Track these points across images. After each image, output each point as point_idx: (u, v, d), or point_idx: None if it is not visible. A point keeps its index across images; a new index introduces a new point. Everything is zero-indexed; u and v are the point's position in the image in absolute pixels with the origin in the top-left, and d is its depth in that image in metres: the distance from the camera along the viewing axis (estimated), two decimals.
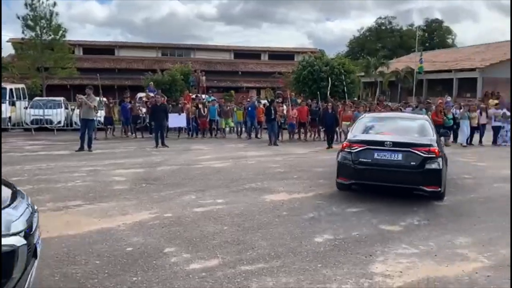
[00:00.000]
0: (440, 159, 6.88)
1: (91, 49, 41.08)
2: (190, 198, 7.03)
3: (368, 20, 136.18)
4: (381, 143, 6.98)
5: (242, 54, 44.86)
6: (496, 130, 15.47)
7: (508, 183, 8.55)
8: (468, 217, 6.19)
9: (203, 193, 7.40)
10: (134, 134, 16.97)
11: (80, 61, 33.55)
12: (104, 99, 17.17)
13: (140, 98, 19.96)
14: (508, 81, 27.71)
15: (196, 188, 7.76)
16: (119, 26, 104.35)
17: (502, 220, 6.00)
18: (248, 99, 18.46)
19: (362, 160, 7.01)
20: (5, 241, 2.66)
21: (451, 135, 15.48)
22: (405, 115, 10.61)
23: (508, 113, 15.28)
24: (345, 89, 21.91)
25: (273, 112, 15.04)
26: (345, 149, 7.29)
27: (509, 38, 28.40)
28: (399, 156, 6.84)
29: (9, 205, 2.98)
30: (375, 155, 6.96)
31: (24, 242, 2.84)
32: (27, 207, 3.17)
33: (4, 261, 2.63)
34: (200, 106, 16.96)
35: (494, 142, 15.45)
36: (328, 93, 18.77)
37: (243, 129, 17.45)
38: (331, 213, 6.29)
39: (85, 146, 12.37)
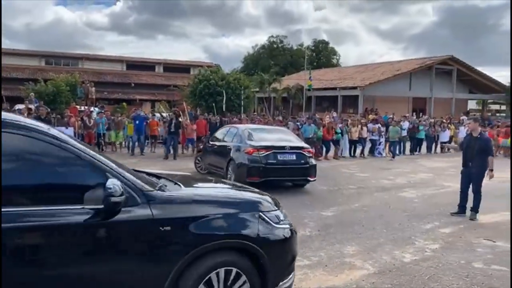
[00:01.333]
0: (313, 158, 9.73)
1: None
2: None
3: (261, 38, 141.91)
4: (282, 147, 9.06)
5: (135, 65, 43.34)
6: (373, 143, 17.03)
7: (386, 192, 9.39)
8: (354, 226, 6.58)
9: None
10: None
11: None
12: None
13: (19, 110, 18.09)
14: (384, 99, 30.77)
15: None
16: None
17: (383, 228, 6.50)
18: (134, 111, 17.50)
19: (270, 161, 8.85)
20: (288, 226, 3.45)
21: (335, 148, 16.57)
22: (269, 127, 12.73)
23: (382, 128, 16.96)
24: (242, 104, 22.40)
25: (173, 126, 14.73)
26: (253, 154, 8.88)
27: (384, 60, 31.53)
28: (294, 157, 9.10)
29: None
30: (279, 157, 8.95)
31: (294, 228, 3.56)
32: None
33: (293, 241, 3.49)
34: (86, 118, 15.76)
35: (372, 153, 16.97)
36: (224, 107, 18.97)
37: (136, 143, 16.61)
38: None
39: None
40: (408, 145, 18.23)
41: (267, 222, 3.27)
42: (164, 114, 19.89)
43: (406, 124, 18.05)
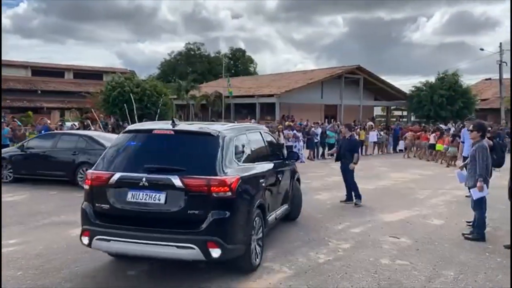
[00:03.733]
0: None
1: None
2: None
3: (179, 44, 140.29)
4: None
5: (42, 71, 40.52)
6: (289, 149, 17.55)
7: (303, 195, 9.73)
8: (272, 229, 6.69)
9: None
10: None
11: None
12: None
13: None
14: (299, 106, 32.00)
15: None
16: None
17: (299, 230, 6.75)
18: (39, 122, 16.20)
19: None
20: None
21: None
22: None
23: (298, 134, 17.59)
24: (158, 111, 21.91)
25: None
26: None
27: (299, 68, 32.72)
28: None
29: None
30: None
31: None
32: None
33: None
34: None
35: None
36: (135, 115, 18.43)
37: None
38: None
39: None
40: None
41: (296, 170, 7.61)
42: (77, 123, 18.84)
43: (319, 131, 18.90)
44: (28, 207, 8.20)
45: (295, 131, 17.76)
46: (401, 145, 22.39)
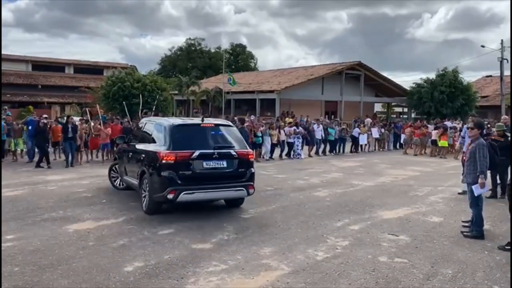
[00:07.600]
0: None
1: None
2: None
3: (181, 39, 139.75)
4: None
5: (42, 66, 40.42)
6: (290, 145, 17.48)
7: (302, 192, 9.72)
8: (271, 227, 6.73)
9: None
10: None
11: None
12: None
13: None
14: (299, 102, 31.93)
15: None
16: None
17: (298, 227, 6.72)
18: (39, 116, 15.77)
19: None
20: None
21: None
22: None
23: (298, 130, 17.51)
24: (158, 107, 21.87)
25: (70, 130, 13.81)
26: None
27: (301, 64, 32.50)
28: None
29: None
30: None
31: None
32: None
33: None
34: None
35: (289, 155, 17.40)
36: (140, 110, 18.37)
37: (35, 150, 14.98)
38: (143, 238, 6.04)
39: None
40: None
41: None
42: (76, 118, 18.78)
43: (320, 127, 18.78)
44: (27, 202, 8.17)
45: (294, 128, 17.67)
46: (402, 139, 22.22)
